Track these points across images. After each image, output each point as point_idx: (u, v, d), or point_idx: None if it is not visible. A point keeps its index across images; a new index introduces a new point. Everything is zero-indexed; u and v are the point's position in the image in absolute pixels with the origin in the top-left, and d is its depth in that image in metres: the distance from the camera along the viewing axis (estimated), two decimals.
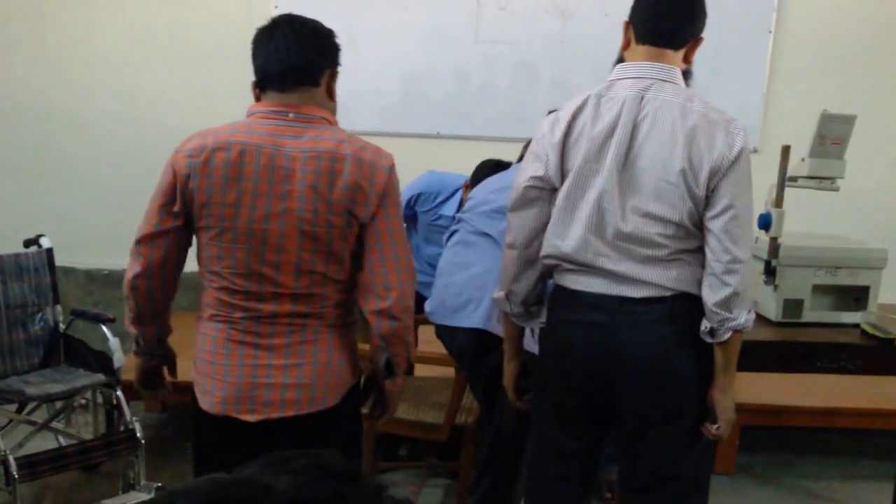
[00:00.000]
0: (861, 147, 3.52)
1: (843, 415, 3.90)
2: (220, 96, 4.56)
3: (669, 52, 2.08)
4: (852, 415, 3.89)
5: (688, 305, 2.06)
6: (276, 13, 4.54)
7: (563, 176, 2.08)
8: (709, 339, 2.06)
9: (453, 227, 3.04)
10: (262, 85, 2.03)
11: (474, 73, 4.56)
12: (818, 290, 2.97)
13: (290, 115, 1.95)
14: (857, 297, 3.01)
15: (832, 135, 2.76)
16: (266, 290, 1.97)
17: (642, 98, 2.02)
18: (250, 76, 4.56)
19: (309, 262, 1.95)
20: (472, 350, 2.87)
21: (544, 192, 2.11)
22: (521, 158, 3.06)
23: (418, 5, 4.53)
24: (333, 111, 2.04)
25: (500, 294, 2.26)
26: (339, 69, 2.06)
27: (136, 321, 2.13)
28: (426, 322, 3.04)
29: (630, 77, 2.06)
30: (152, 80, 4.64)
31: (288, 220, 1.91)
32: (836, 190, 2.89)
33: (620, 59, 2.16)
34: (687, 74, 2.15)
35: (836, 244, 3.07)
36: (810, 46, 4.58)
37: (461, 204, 3.40)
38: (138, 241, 2.03)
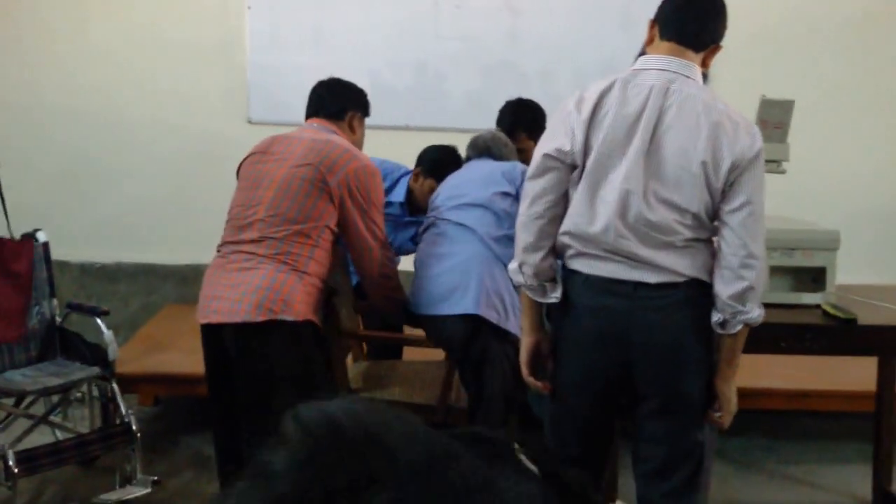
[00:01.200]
0: (812, 130, 3.62)
1: (819, 397, 3.93)
2: (199, 89, 4.78)
3: (691, 53, 2.20)
4: (828, 397, 3.93)
5: (699, 292, 2.18)
6: (249, 13, 4.78)
7: (585, 154, 2.14)
8: (719, 331, 2.18)
9: (426, 223, 3.13)
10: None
11: (437, 67, 4.79)
12: (776, 271, 3.04)
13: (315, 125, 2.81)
14: (814, 277, 3.09)
15: (773, 119, 2.84)
16: None
17: (668, 89, 2.11)
18: (228, 72, 4.75)
19: None
20: (461, 337, 2.92)
21: (564, 165, 2.18)
22: (466, 158, 3.22)
23: (381, 3, 4.75)
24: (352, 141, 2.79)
25: (513, 265, 2.29)
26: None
27: None
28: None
29: (656, 68, 2.16)
30: (139, 75, 4.79)
31: None
32: (783, 173, 2.97)
33: (642, 54, 2.27)
34: (704, 78, 2.26)
35: (788, 226, 3.15)
36: (751, 31, 4.61)
37: (410, 191, 3.50)
38: None
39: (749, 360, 3.87)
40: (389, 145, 3.74)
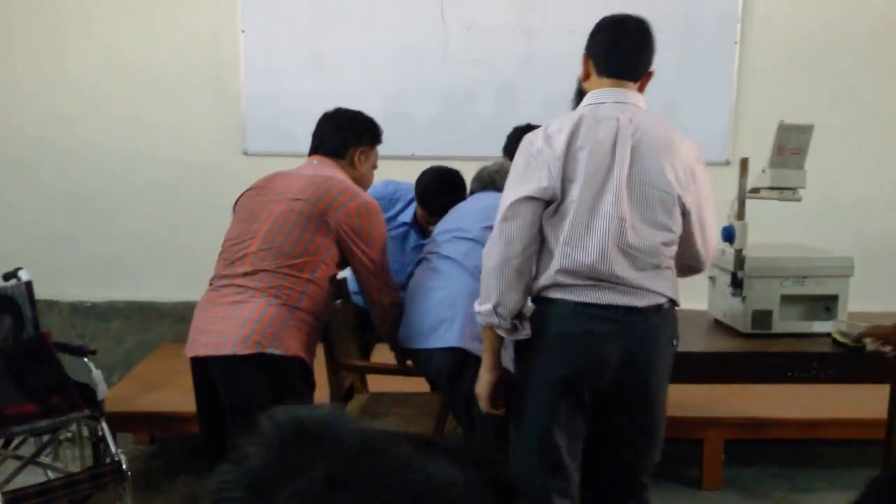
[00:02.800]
0: (832, 156, 3.57)
1: (828, 426, 3.89)
2: (191, 120, 4.67)
3: (630, 84, 2.33)
4: (837, 425, 3.89)
5: (673, 312, 2.34)
6: (243, 38, 4.69)
7: (563, 187, 2.22)
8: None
9: (419, 257, 3.09)
10: None
11: (446, 92, 4.65)
12: (787, 300, 3.00)
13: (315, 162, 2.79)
14: (827, 306, 3.03)
15: (790, 145, 2.80)
16: None
17: (630, 119, 2.24)
18: (220, 100, 4.68)
19: None
20: (449, 370, 2.88)
21: (541, 202, 2.24)
22: (471, 191, 3.16)
23: (384, 27, 4.63)
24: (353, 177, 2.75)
25: (486, 307, 2.30)
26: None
27: None
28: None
29: (612, 101, 2.28)
30: (125, 106, 4.68)
31: None
32: (798, 200, 2.93)
33: (580, 90, 2.40)
34: None
35: (801, 254, 3.10)
36: (776, 56, 4.62)
37: (415, 217, 3.48)
38: None
39: (761, 389, 3.91)
40: (395, 176, 3.66)
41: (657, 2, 4.60)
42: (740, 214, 2.89)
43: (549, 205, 2.24)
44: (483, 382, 2.42)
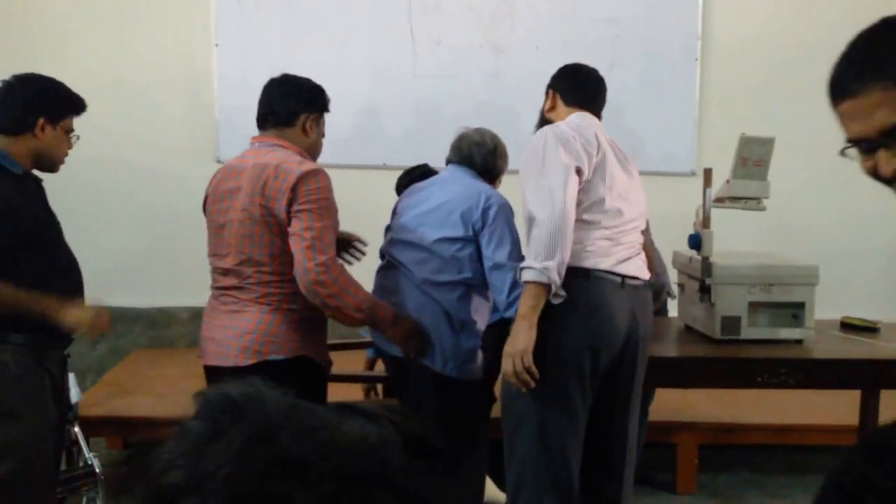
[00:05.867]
0: (791, 170, 3.63)
1: (801, 431, 3.94)
2: (164, 130, 4.67)
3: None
4: (810, 431, 3.93)
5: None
6: (216, 51, 4.69)
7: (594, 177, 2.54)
8: None
9: (382, 247, 3.04)
10: None
11: (416, 105, 4.71)
12: (754, 307, 3.04)
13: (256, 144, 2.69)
14: (795, 313, 3.08)
15: (753, 156, 2.85)
16: None
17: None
18: (194, 112, 4.65)
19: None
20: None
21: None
22: (447, 160, 3.10)
23: (355, 42, 4.69)
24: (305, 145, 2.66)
25: (550, 263, 2.37)
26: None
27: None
28: None
29: (594, 124, 2.66)
30: (99, 118, 4.65)
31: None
32: (763, 210, 2.97)
33: (545, 119, 2.73)
34: None
35: (767, 261, 3.15)
36: (736, 71, 4.71)
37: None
38: None
39: (733, 394, 3.95)
40: (369, 185, 3.68)
41: (620, 21, 4.69)
42: (705, 223, 2.93)
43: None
44: (527, 339, 2.41)
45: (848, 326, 3.30)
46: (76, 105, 2.62)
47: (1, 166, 2.49)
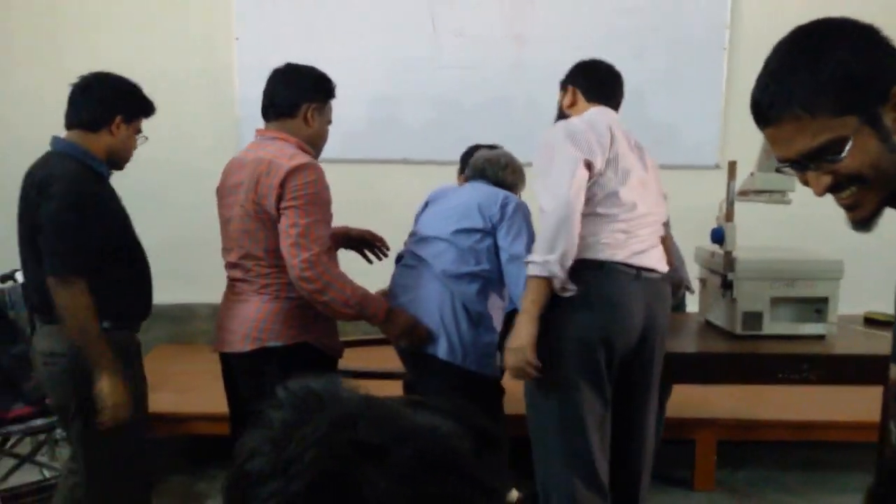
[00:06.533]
0: None
1: (821, 428, 3.91)
2: (185, 125, 4.66)
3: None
4: (830, 428, 3.89)
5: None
6: (237, 45, 4.67)
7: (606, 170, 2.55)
8: None
9: (402, 250, 3.08)
10: None
11: (437, 98, 4.68)
12: (777, 302, 3.03)
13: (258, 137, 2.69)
14: (818, 308, 3.06)
15: None
16: None
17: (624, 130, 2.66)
18: (216, 106, 4.64)
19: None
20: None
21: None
22: (466, 178, 3.16)
23: (376, 34, 4.67)
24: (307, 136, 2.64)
25: (552, 256, 2.40)
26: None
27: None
28: None
29: (610, 118, 2.66)
30: None
31: None
32: (788, 203, 2.95)
33: (563, 115, 2.74)
34: None
35: (791, 256, 3.13)
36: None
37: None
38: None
39: (752, 390, 3.93)
40: (387, 179, 3.66)
41: (646, 10, 4.64)
42: (729, 216, 2.92)
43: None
44: (527, 334, 2.44)
45: (871, 321, 3.27)
46: (148, 107, 2.73)
47: (91, 168, 2.60)
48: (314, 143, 2.68)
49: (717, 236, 2.95)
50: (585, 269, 2.48)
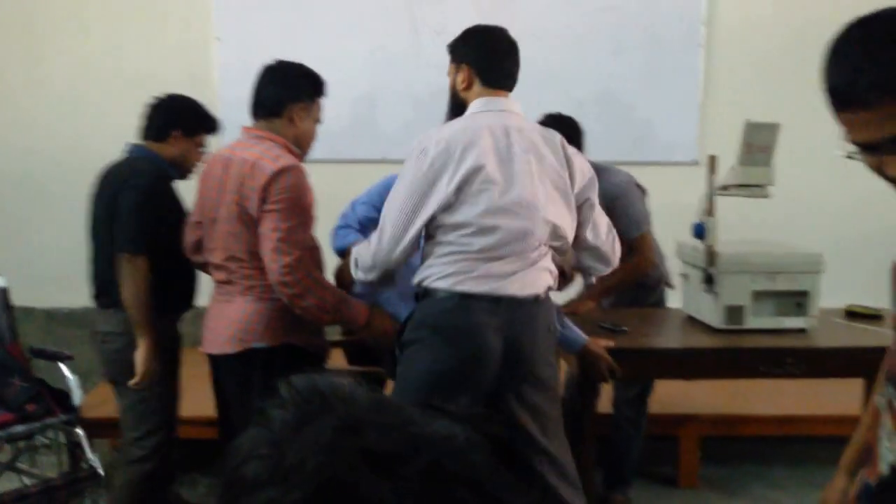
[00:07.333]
0: (797, 156, 3.61)
1: (804, 422, 3.92)
2: None
3: (508, 94, 2.51)
4: (813, 422, 3.90)
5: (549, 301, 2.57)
6: (217, 45, 4.64)
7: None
8: None
9: None
10: None
11: (417, 97, 4.64)
12: (758, 296, 3.03)
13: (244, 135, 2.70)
14: (799, 302, 3.06)
15: (758, 143, 2.84)
16: None
17: (518, 127, 2.40)
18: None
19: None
20: None
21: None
22: None
23: (356, 33, 4.66)
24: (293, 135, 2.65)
25: (370, 276, 2.47)
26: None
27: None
28: None
29: (499, 110, 2.44)
30: (99, 113, 4.66)
31: None
32: (767, 197, 2.96)
33: (458, 100, 2.53)
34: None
35: (771, 250, 3.14)
36: (741, 57, 4.68)
37: None
38: None
39: (735, 385, 3.94)
40: (367, 179, 3.63)
41: (622, 8, 4.66)
42: (710, 211, 2.92)
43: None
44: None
45: (853, 314, 3.29)
46: (209, 123, 3.11)
47: (165, 171, 2.98)
48: (300, 144, 2.68)
49: (699, 231, 2.96)
50: (435, 300, 2.39)
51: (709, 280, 3.00)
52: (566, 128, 3.37)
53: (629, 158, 4.25)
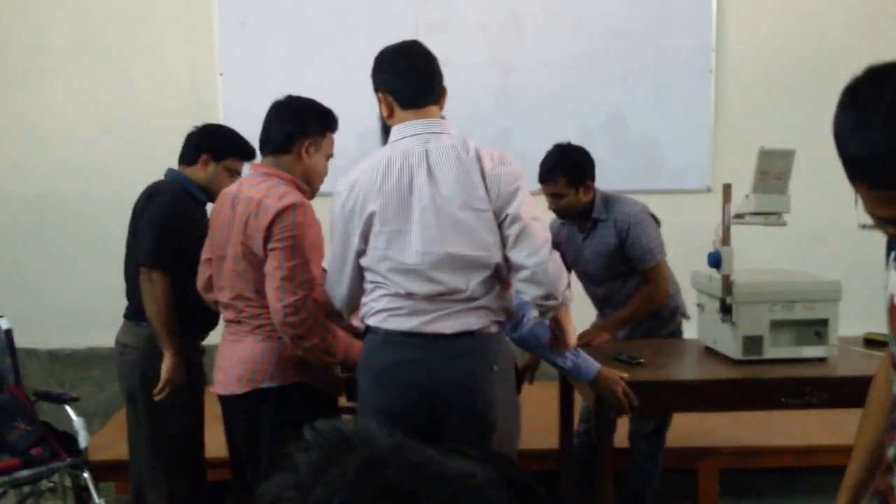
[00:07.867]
0: (810, 181, 3.56)
1: (824, 452, 3.84)
2: (172, 159, 4.64)
3: (433, 108, 2.41)
4: (833, 452, 3.80)
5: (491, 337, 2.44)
6: (221, 80, 4.63)
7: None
8: None
9: None
10: None
11: None
12: (776, 325, 2.96)
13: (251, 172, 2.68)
14: (818, 331, 3.00)
15: (773, 170, 2.79)
16: None
17: (425, 150, 2.31)
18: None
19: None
20: None
21: None
22: None
23: (361, 66, 4.61)
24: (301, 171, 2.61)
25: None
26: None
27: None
28: None
29: (421, 132, 2.35)
30: (100, 151, 4.66)
31: None
32: (783, 225, 2.91)
33: (386, 128, 2.46)
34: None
35: (789, 278, 3.08)
36: (752, 82, 4.66)
37: None
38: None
39: (754, 416, 3.86)
40: None
41: (631, 33, 4.64)
42: (725, 240, 2.87)
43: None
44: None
45: (871, 342, 3.22)
46: (241, 149, 3.12)
47: (191, 194, 3.05)
48: (310, 180, 2.64)
49: (714, 260, 2.90)
50: (368, 337, 2.41)
51: (726, 310, 2.94)
52: (576, 158, 3.34)
53: (640, 187, 4.22)
